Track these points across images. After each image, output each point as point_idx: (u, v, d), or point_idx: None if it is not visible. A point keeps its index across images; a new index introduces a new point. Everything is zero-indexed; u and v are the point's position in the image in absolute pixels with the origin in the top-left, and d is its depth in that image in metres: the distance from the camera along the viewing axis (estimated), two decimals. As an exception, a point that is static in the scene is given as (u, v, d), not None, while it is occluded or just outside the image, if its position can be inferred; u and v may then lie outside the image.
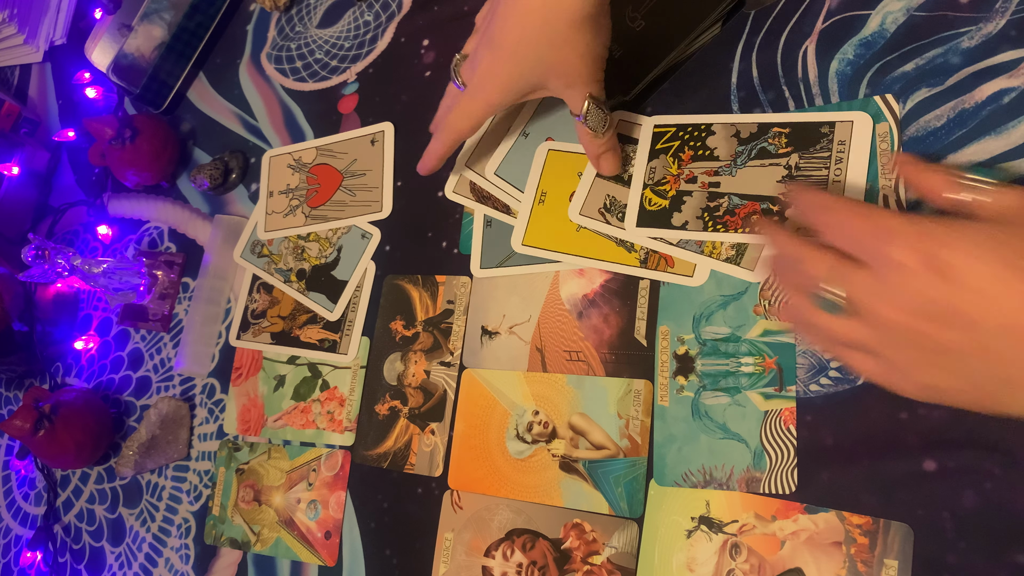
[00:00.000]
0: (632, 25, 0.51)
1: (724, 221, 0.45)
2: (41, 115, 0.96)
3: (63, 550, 0.74)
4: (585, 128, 0.47)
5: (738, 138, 0.47)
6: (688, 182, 0.47)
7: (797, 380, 0.42)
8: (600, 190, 0.50)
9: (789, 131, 0.45)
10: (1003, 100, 0.40)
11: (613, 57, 0.47)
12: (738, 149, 0.46)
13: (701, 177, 0.47)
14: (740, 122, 0.47)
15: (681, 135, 0.49)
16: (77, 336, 0.79)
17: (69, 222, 0.86)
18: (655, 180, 0.48)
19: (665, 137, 0.49)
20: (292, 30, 0.75)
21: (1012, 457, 0.36)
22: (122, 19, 0.82)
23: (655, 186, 0.48)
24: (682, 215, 0.47)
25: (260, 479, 0.61)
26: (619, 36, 0.47)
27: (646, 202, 0.48)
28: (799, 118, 0.45)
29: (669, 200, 0.47)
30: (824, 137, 0.44)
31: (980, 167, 0.38)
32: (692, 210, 0.46)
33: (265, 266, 0.66)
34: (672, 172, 0.48)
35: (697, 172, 0.47)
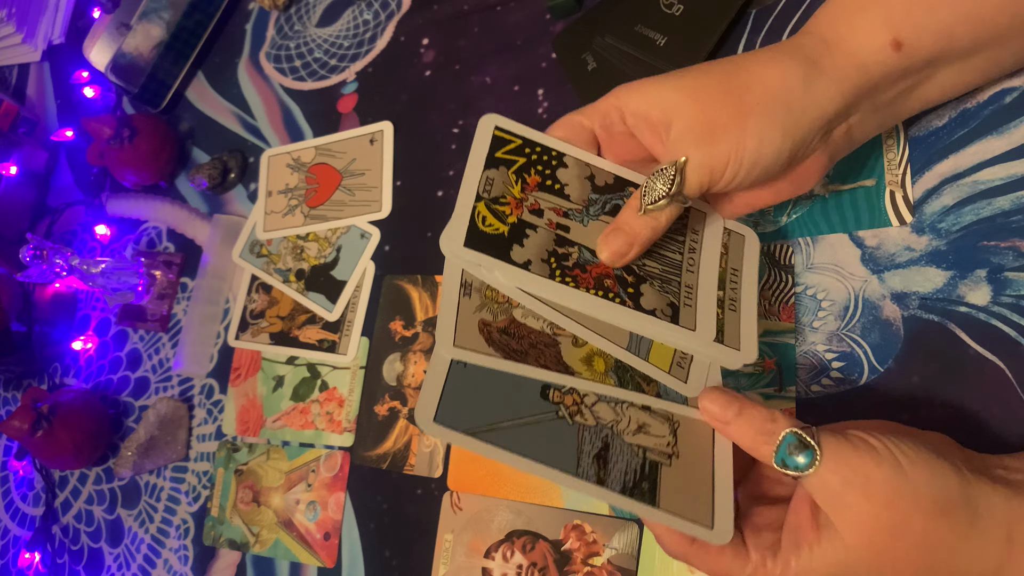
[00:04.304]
0: (670, 12, 0.49)
1: (575, 275, 0.37)
2: (39, 114, 0.95)
3: (61, 551, 0.74)
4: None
5: (592, 183, 0.40)
6: (532, 213, 0.38)
7: (797, 380, 0.42)
8: None
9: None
10: (1005, 100, 0.40)
11: (657, 45, 0.45)
12: (591, 196, 0.39)
13: (548, 213, 0.38)
14: (595, 165, 0.40)
15: (528, 153, 0.39)
16: (75, 336, 0.79)
17: (67, 222, 0.86)
18: (492, 195, 0.38)
19: (508, 147, 0.40)
20: (291, 29, 0.75)
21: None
22: (121, 18, 0.81)
23: (492, 203, 0.38)
24: (524, 251, 0.37)
25: (259, 480, 0.61)
26: (659, 24, 0.45)
27: (479, 219, 0.37)
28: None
29: (509, 227, 0.37)
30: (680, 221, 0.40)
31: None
32: (536, 249, 0.37)
33: (264, 266, 0.66)
34: (514, 194, 0.38)
35: (544, 205, 0.38)
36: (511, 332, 0.37)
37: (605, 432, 0.36)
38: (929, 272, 0.40)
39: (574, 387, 0.36)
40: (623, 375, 0.36)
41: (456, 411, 0.35)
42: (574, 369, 0.36)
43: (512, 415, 0.35)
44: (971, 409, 0.37)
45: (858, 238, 0.42)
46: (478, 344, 0.36)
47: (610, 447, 0.35)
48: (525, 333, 0.37)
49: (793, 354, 0.43)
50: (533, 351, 0.36)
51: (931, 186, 0.41)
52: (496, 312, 0.37)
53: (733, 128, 0.34)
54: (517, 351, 0.36)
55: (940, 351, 0.39)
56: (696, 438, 0.36)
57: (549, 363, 0.36)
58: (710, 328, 0.37)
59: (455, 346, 0.36)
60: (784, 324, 0.43)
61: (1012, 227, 0.38)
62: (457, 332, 0.36)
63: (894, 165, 0.42)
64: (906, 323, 0.40)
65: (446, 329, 0.36)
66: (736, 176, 0.35)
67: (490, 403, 0.35)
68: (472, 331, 0.36)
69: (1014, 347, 0.37)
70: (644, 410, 0.36)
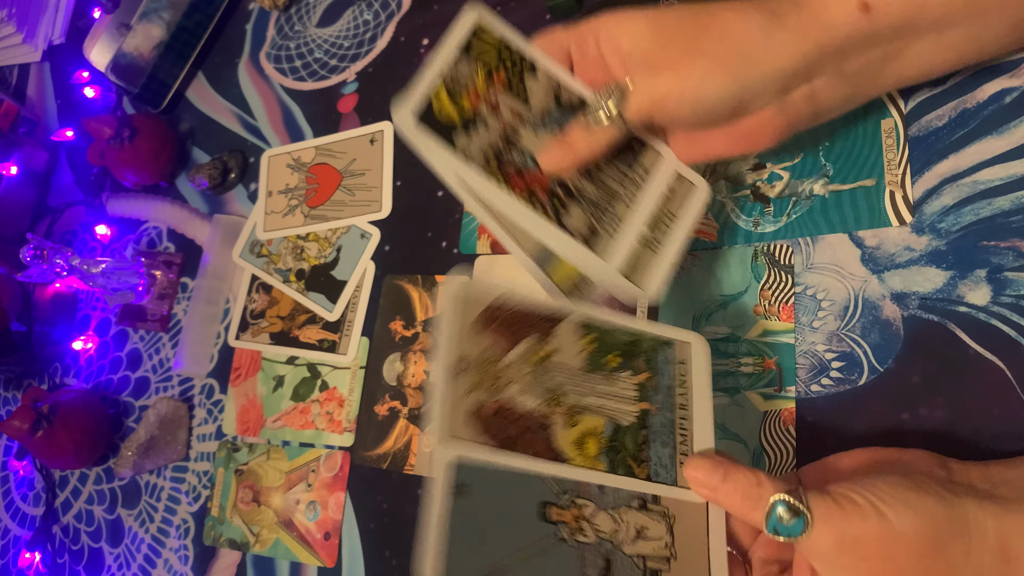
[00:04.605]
0: None
1: (509, 177, 0.38)
2: (39, 114, 0.96)
3: (62, 551, 0.74)
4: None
5: (556, 98, 0.40)
6: (490, 109, 0.39)
7: (797, 380, 0.42)
8: None
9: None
10: (1005, 100, 0.40)
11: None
12: (551, 110, 0.40)
13: (505, 114, 0.39)
14: (564, 82, 0.41)
15: (502, 52, 0.40)
16: (75, 336, 0.79)
17: (68, 222, 0.86)
18: (455, 80, 0.39)
19: (485, 41, 0.40)
20: (291, 29, 0.75)
21: (1011, 457, 0.36)
22: (121, 18, 0.81)
23: (453, 87, 0.39)
24: (468, 142, 0.38)
25: (259, 480, 0.61)
26: None
27: (435, 98, 0.38)
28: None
29: (460, 116, 0.39)
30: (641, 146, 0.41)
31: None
32: (481, 144, 0.38)
33: (264, 266, 0.66)
34: (477, 86, 0.39)
35: (503, 106, 0.40)
36: (503, 415, 0.35)
37: (606, 547, 0.34)
38: (929, 272, 0.40)
39: (568, 485, 0.35)
40: (613, 457, 0.36)
41: (461, 562, 0.32)
42: (565, 455, 0.35)
43: (514, 547, 0.33)
44: (971, 409, 0.37)
45: (858, 238, 0.42)
46: (472, 432, 0.34)
47: (612, 564, 0.34)
48: (516, 417, 0.35)
49: (793, 354, 0.43)
50: (524, 437, 0.35)
51: (931, 186, 0.41)
52: (490, 392, 0.35)
53: (681, 64, 0.35)
54: (510, 437, 0.35)
55: (940, 351, 0.39)
56: (692, 529, 0.36)
57: (540, 450, 0.35)
58: (619, 259, 0.38)
59: (452, 436, 0.33)
60: (784, 324, 0.43)
61: (1012, 227, 0.38)
62: (451, 422, 0.34)
63: (894, 165, 0.42)
64: (906, 323, 0.40)
65: (441, 420, 0.34)
66: (679, 111, 0.36)
67: (491, 538, 0.33)
68: (463, 418, 0.34)
69: (1014, 347, 0.37)
70: (641, 510, 0.35)
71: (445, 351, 0.35)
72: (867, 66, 0.36)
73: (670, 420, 0.37)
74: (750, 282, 0.45)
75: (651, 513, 0.36)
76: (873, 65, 0.36)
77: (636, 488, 0.36)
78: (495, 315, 0.36)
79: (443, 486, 0.32)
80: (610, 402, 0.37)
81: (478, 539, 0.32)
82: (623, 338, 0.38)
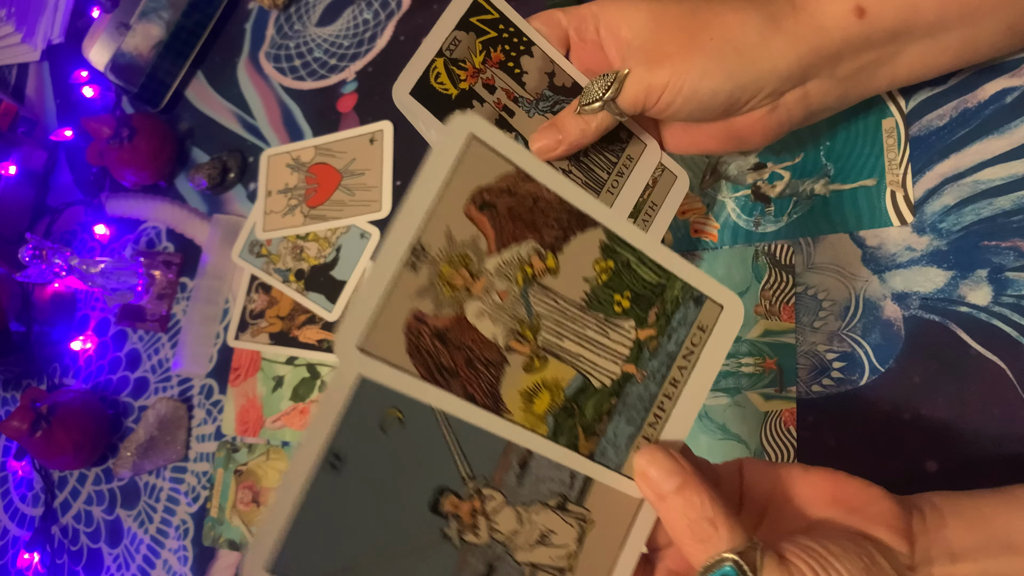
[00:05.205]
0: None
1: None
2: (38, 114, 0.95)
3: (61, 551, 0.73)
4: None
5: (550, 80, 0.40)
6: (485, 87, 0.39)
7: (798, 381, 0.42)
8: None
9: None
10: (1006, 100, 0.40)
11: None
12: (545, 92, 0.40)
13: (499, 93, 0.39)
14: (559, 64, 0.41)
15: (501, 29, 0.39)
16: (75, 336, 0.79)
17: (66, 222, 0.86)
18: (453, 56, 0.38)
19: (484, 17, 0.39)
20: (291, 28, 0.75)
21: (1012, 458, 0.36)
22: (120, 18, 0.81)
23: (451, 63, 0.38)
24: None
25: (259, 480, 0.61)
26: None
27: (433, 73, 0.38)
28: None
29: (458, 92, 0.38)
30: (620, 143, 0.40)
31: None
32: None
33: (263, 266, 0.66)
34: (475, 62, 0.39)
35: (499, 84, 0.39)
36: (450, 338, 0.27)
37: (495, 551, 0.29)
38: (930, 272, 0.40)
39: (483, 469, 0.28)
40: (562, 421, 0.29)
41: (305, 550, 0.25)
42: (506, 405, 0.28)
43: (382, 543, 0.26)
44: (972, 409, 0.37)
45: (859, 238, 0.42)
46: (394, 352, 0.26)
47: (494, 572, 0.29)
48: (468, 342, 0.28)
49: (794, 354, 0.43)
50: (467, 372, 0.28)
51: (932, 186, 0.41)
52: (444, 303, 0.27)
53: (679, 58, 0.35)
54: (445, 369, 0.27)
55: (941, 351, 0.39)
56: (606, 537, 0.30)
57: (478, 392, 0.28)
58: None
59: (361, 349, 0.26)
60: (784, 324, 0.43)
61: (1013, 227, 0.38)
62: (373, 327, 0.26)
63: (895, 165, 0.42)
64: (907, 323, 0.40)
65: (357, 320, 0.25)
66: (672, 103, 0.36)
67: (356, 529, 0.26)
68: (395, 329, 0.26)
69: (1015, 347, 0.37)
70: (557, 510, 0.30)
71: (405, 225, 0.26)
72: (861, 69, 0.36)
73: (651, 395, 0.31)
74: (751, 282, 0.45)
75: (567, 516, 0.30)
76: (867, 68, 0.36)
77: (571, 464, 0.30)
78: (498, 197, 0.28)
79: (313, 452, 0.25)
80: (593, 354, 0.30)
81: (337, 530, 0.26)
82: (648, 277, 0.30)
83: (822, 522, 0.30)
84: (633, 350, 0.30)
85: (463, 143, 0.27)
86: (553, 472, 0.29)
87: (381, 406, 0.26)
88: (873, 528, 0.29)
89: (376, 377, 0.26)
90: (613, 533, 0.30)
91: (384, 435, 0.26)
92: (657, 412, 0.31)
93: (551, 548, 0.30)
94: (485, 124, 0.27)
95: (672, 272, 0.30)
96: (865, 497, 0.30)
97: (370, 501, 0.26)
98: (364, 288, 0.26)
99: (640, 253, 0.30)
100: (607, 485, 0.30)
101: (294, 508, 0.25)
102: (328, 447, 0.25)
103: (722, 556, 0.27)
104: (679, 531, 0.28)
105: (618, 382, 0.30)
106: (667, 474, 0.29)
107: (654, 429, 0.31)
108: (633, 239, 0.30)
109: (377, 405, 0.26)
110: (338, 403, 0.25)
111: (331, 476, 0.25)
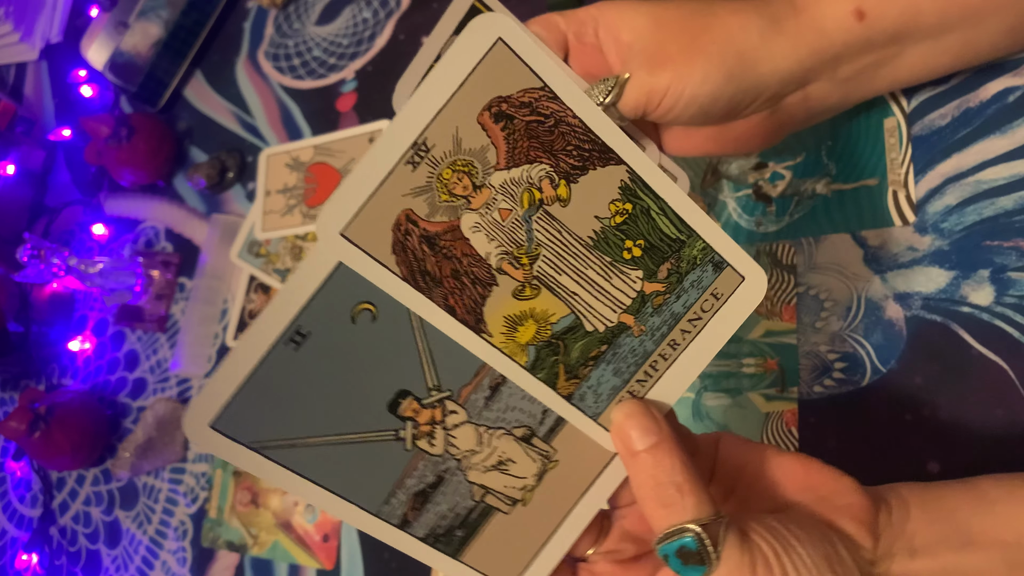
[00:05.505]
0: None
1: None
2: (37, 114, 0.95)
3: (59, 552, 0.73)
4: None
5: None
6: None
7: (800, 381, 0.42)
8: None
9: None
10: (1008, 99, 0.39)
11: None
12: None
13: None
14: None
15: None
16: (73, 337, 0.79)
17: (65, 221, 0.86)
18: None
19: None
20: (290, 28, 0.75)
21: (1013, 458, 0.36)
22: (118, 17, 0.81)
23: None
24: None
25: (257, 481, 0.61)
26: None
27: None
28: None
29: None
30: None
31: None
32: None
33: (262, 266, 0.65)
34: None
35: None
36: (439, 245, 0.26)
37: (448, 465, 0.28)
38: (932, 272, 0.40)
39: (451, 384, 0.27)
40: (545, 356, 0.28)
41: (251, 414, 0.25)
42: (487, 326, 0.27)
43: (334, 427, 0.26)
44: (974, 410, 0.37)
45: (861, 238, 0.42)
46: (377, 246, 0.25)
47: (441, 484, 0.28)
48: (458, 254, 0.26)
49: (795, 355, 0.42)
50: (451, 283, 0.26)
51: (934, 185, 0.41)
52: (439, 209, 0.25)
53: (680, 61, 0.35)
54: (429, 275, 0.26)
55: (943, 352, 0.38)
56: (568, 481, 0.29)
57: (459, 306, 0.26)
58: None
59: (344, 236, 0.24)
60: (786, 324, 0.43)
61: (1015, 227, 0.38)
62: (360, 216, 0.24)
63: (897, 164, 0.42)
64: (909, 323, 0.40)
65: (344, 206, 0.24)
66: (673, 107, 0.36)
67: (310, 406, 0.26)
68: (382, 223, 0.25)
69: (1017, 348, 0.37)
70: (521, 442, 0.29)
71: (411, 118, 0.24)
72: (862, 71, 0.36)
73: (646, 351, 0.29)
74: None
75: (530, 449, 0.29)
76: (867, 70, 0.36)
77: (546, 401, 0.28)
78: (517, 110, 0.26)
79: (277, 324, 0.24)
80: (590, 296, 0.28)
81: (288, 404, 0.25)
82: (667, 229, 0.28)
83: (789, 506, 0.30)
84: (636, 301, 0.28)
85: (488, 45, 0.25)
86: (525, 404, 0.28)
87: (355, 296, 0.25)
88: (840, 519, 0.29)
89: (355, 267, 0.25)
90: (576, 480, 0.29)
91: (353, 325, 0.25)
92: (648, 370, 0.29)
93: (507, 477, 0.29)
94: (516, 29, 0.25)
95: (695, 230, 0.29)
96: (835, 487, 0.30)
97: (326, 385, 0.26)
98: (357, 174, 0.24)
99: (664, 203, 0.28)
100: (579, 431, 0.29)
101: (248, 373, 0.24)
102: (293, 322, 0.25)
103: (684, 526, 0.26)
104: (644, 492, 0.28)
105: (612, 330, 0.29)
106: (643, 431, 0.28)
107: (642, 386, 0.29)
108: (659, 187, 0.28)
109: (351, 294, 0.25)
110: (311, 283, 0.25)
111: (290, 351, 0.25)
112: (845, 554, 0.28)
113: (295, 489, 0.26)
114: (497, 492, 0.29)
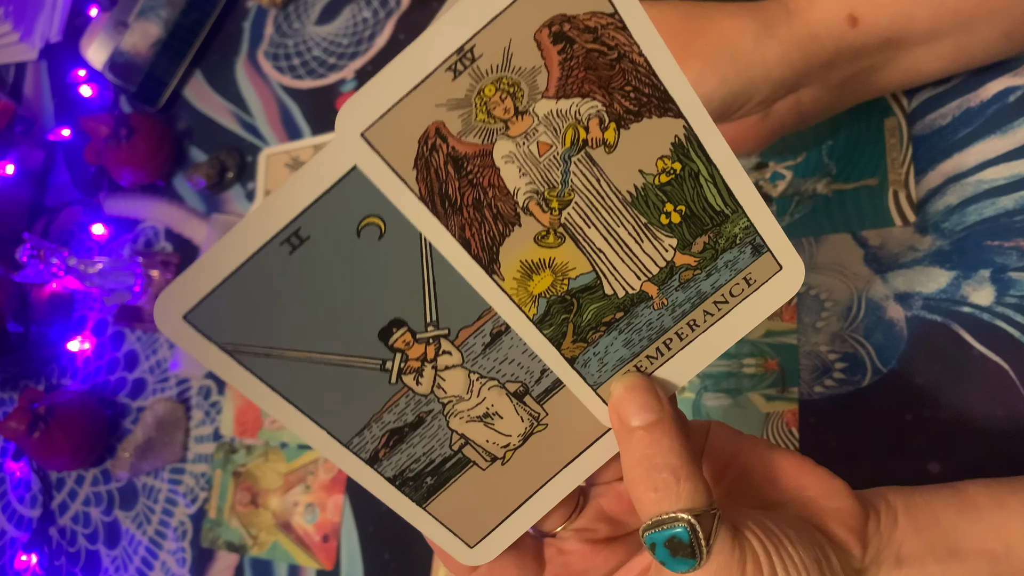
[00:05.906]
0: None
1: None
2: (36, 113, 0.95)
3: (59, 553, 0.73)
4: None
5: None
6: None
7: (800, 381, 0.42)
8: None
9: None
10: (1008, 99, 0.39)
11: None
12: None
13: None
14: None
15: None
16: (72, 337, 0.78)
17: (64, 221, 0.86)
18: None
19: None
20: (289, 27, 0.75)
21: (1014, 459, 0.36)
22: (118, 16, 0.81)
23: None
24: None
25: (257, 482, 0.61)
26: None
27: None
28: None
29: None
30: None
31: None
32: None
33: (262, 266, 0.65)
34: None
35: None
36: (466, 169, 0.23)
37: (431, 407, 0.26)
38: (933, 272, 0.40)
39: (451, 322, 0.25)
40: (556, 312, 0.26)
41: (231, 312, 0.23)
42: (500, 269, 0.25)
43: (312, 343, 0.24)
44: (975, 410, 0.37)
45: (861, 238, 0.42)
46: (399, 157, 0.23)
47: (420, 425, 0.26)
48: (484, 183, 0.24)
49: (796, 355, 0.42)
50: (471, 213, 0.24)
51: (934, 185, 0.41)
52: (474, 129, 0.23)
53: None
54: (449, 200, 0.23)
55: (944, 352, 0.38)
56: (554, 447, 0.28)
57: (475, 240, 0.24)
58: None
59: (364, 136, 0.22)
60: (786, 324, 0.43)
61: (1016, 227, 0.38)
62: (385, 119, 0.22)
63: (897, 164, 0.42)
64: (909, 323, 0.40)
65: (371, 104, 0.22)
66: None
67: (294, 315, 0.24)
68: (409, 133, 0.22)
69: (1018, 348, 0.37)
70: (513, 397, 0.27)
71: (461, 19, 0.22)
72: (854, 76, 0.36)
73: (663, 327, 0.27)
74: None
75: (520, 407, 0.27)
76: (860, 75, 0.36)
77: (547, 360, 0.27)
78: (580, 35, 0.23)
79: (275, 221, 0.22)
80: (617, 256, 0.26)
81: (271, 309, 0.23)
82: (713, 200, 0.26)
83: (777, 504, 0.29)
84: (663, 272, 0.26)
85: None
86: (524, 359, 0.27)
87: (364, 207, 0.23)
88: (830, 523, 0.28)
89: (370, 174, 0.22)
90: (562, 448, 0.28)
91: (357, 238, 0.23)
92: (661, 347, 0.27)
93: (491, 431, 0.27)
94: None
95: (742, 206, 0.26)
96: (825, 488, 0.29)
97: (316, 297, 0.23)
98: (390, 71, 0.21)
99: (716, 170, 0.25)
100: (575, 397, 0.27)
101: (235, 268, 0.22)
102: (293, 222, 0.22)
103: (677, 515, 0.24)
104: (635, 473, 0.26)
105: (632, 297, 0.26)
106: (642, 407, 0.26)
107: (651, 363, 0.28)
108: (715, 152, 0.25)
109: (361, 204, 0.23)
110: (319, 184, 0.22)
111: (284, 252, 0.23)
112: (835, 560, 0.27)
113: (264, 403, 0.24)
114: (477, 445, 0.27)
